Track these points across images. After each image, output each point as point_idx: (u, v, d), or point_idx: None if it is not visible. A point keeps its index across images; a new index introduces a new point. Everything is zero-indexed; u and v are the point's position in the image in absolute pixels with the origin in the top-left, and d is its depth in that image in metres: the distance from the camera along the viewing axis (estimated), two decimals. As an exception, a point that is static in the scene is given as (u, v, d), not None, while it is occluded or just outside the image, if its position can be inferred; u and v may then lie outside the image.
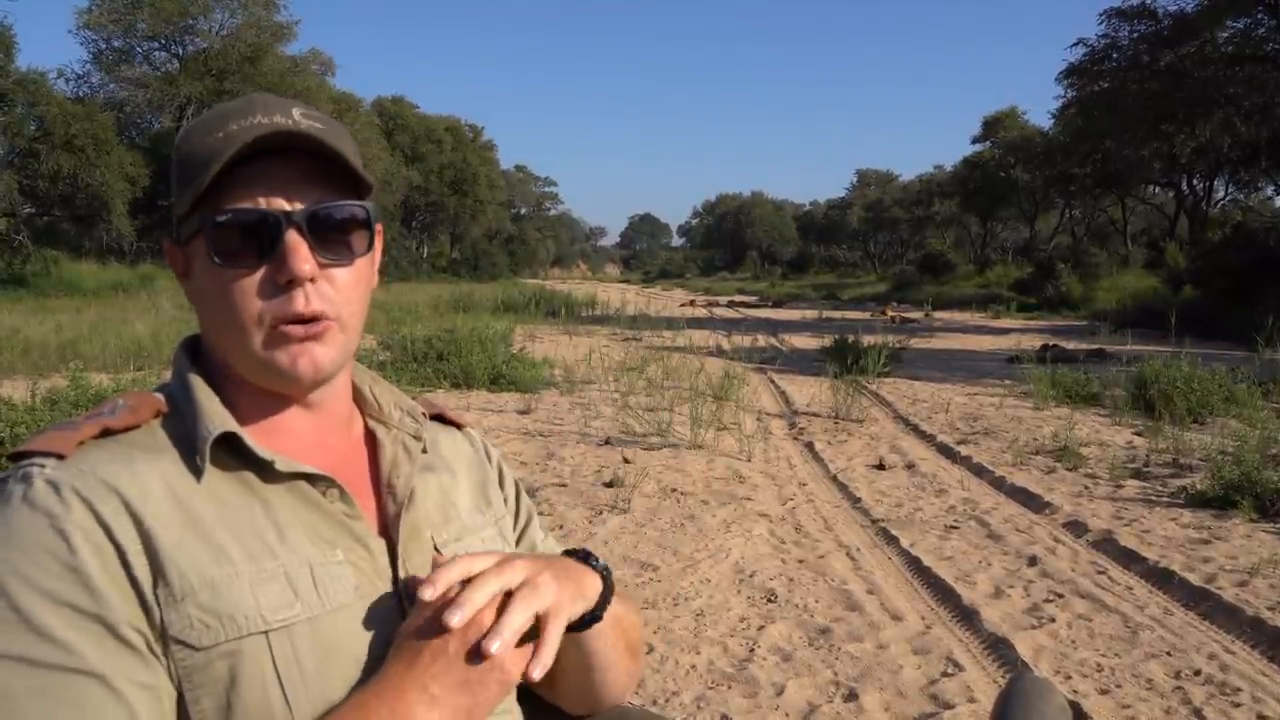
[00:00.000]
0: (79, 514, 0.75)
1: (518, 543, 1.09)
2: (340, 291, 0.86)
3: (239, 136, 0.81)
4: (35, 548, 0.74)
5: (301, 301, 0.83)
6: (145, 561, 0.77)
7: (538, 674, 0.81)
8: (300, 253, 0.82)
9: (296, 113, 0.84)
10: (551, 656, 0.82)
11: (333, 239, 0.85)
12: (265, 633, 0.79)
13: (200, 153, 0.82)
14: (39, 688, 0.71)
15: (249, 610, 0.78)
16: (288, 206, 0.83)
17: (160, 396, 0.88)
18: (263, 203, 0.83)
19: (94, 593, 0.74)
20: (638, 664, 1.08)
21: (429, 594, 0.79)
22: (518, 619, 0.80)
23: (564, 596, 0.85)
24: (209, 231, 0.83)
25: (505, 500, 1.09)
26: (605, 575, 0.95)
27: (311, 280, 0.84)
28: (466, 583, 0.81)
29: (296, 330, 0.84)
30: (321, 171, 0.85)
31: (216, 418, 0.84)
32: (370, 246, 0.89)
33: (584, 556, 0.95)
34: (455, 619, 0.78)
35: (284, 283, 0.83)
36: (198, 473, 0.82)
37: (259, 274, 0.83)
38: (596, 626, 0.94)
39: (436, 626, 0.79)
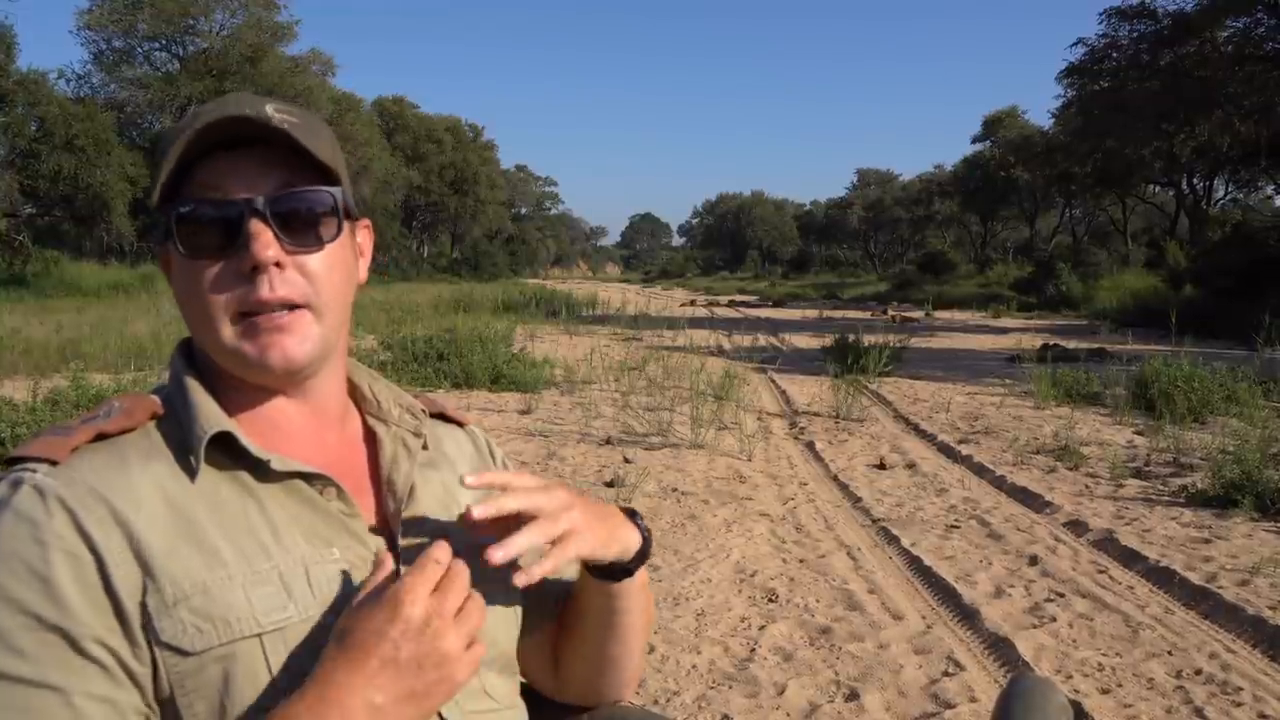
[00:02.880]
0: (60, 523, 0.75)
1: None
2: (312, 279, 0.85)
3: (196, 127, 0.81)
4: (12, 556, 0.74)
5: (266, 288, 0.82)
6: (132, 570, 0.76)
7: (521, 581, 0.84)
8: (262, 239, 0.81)
9: (269, 108, 0.83)
10: (548, 568, 0.85)
11: (299, 226, 0.84)
12: (259, 635, 0.78)
13: (167, 148, 0.82)
14: (0, 696, 0.72)
15: (242, 613, 0.78)
16: (250, 194, 0.83)
17: (156, 398, 0.88)
18: (225, 192, 0.83)
19: (61, 605, 0.74)
20: (641, 658, 1.09)
21: (423, 594, 0.78)
22: (524, 541, 0.83)
23: (587, 530, 0.89)
24: (174, 223, 0.83)
25: None
26: (646, 536, 0.98)
27: (278, 266, 0.83)
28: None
29: (264, 320, 0.83)
30: (289, 162, 0.84)
31: (212, 418, 0.84)
32: (339, 232, 0.88)
33: (631, 514, 0.99)
34: (499, 555, 0.82)
35: (248, 270, 0.82)
36: (192, 473, 0.82)
37: (224, 263, 0.83)
38: (627, 583, 0.97)
39: (395, 628, 0.76)
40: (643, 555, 0.97)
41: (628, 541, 0.95)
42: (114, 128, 27.35)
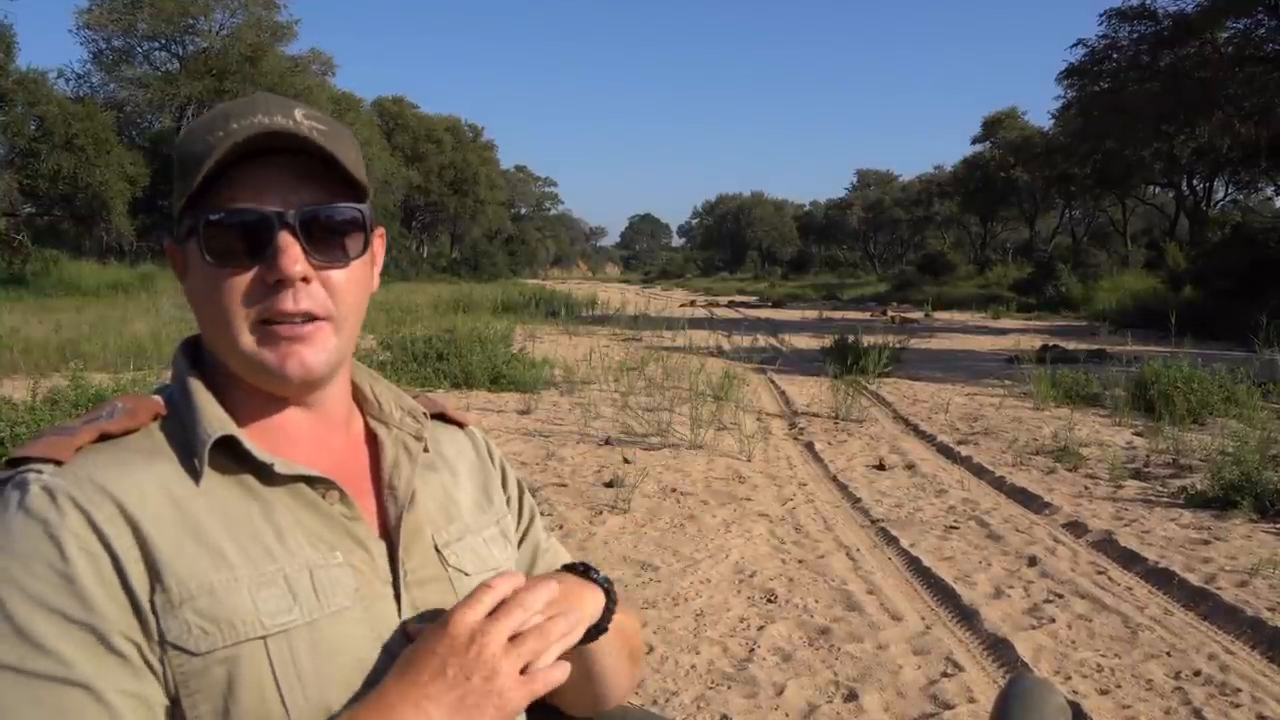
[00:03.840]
0: (74, 521, 0.75)
1: (520, 543, 1.08)
2: (334, 294, 0.86)
3: (233, 136, 0.81)
4: (30, 555, 0.74)
5: (290, 301, 0.83)
6: (142, 568, 0.76)
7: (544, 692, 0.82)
8: (291, 253, 0.82)
9: (299, 113, 0.84)
10: (564, 671, 0.83)
11: (327, 241, 0.85)
12: (263, 638, 0.78)
13: (197, 151, 0.82)
14: (30, 697, 0.71)
15: (247, 615, 0.78)
16: (281, 207, 0.83)
17: (159, 399, 0.88)
18: (257, 203, 0.83)
19: (86, 601, 0.74)
20: (638, 667, 1.09)
21: (470, 616, 0.80)
22: (556, 642, 0.83)
23: (574, 619, 0.87)
24: (202, 230, 0.83)
25: (508, 500, 1.09)
26: (608, 589, 0.96)
27: (304, 280, 0.83)
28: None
29: (285, 330, 0.83)
30: (318, 173, 0.85)
31: (215, 421, 0.84)
32: (365, 249, 0.89)
33: (584, 571, 0.96)
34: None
35: (273, 283, 0.82)
36: (196, 476, 0.82)
37: (250, 274, 0.83)
38: (602, 638, 0.95)
39: (442, 644, 0.79)
40: (609, 610, 0.95)
41: (593, 607, 0.93)
42: (113, 127, 27.36)
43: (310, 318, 0.84)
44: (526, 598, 0.82)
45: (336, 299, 0.86)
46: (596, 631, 0.93)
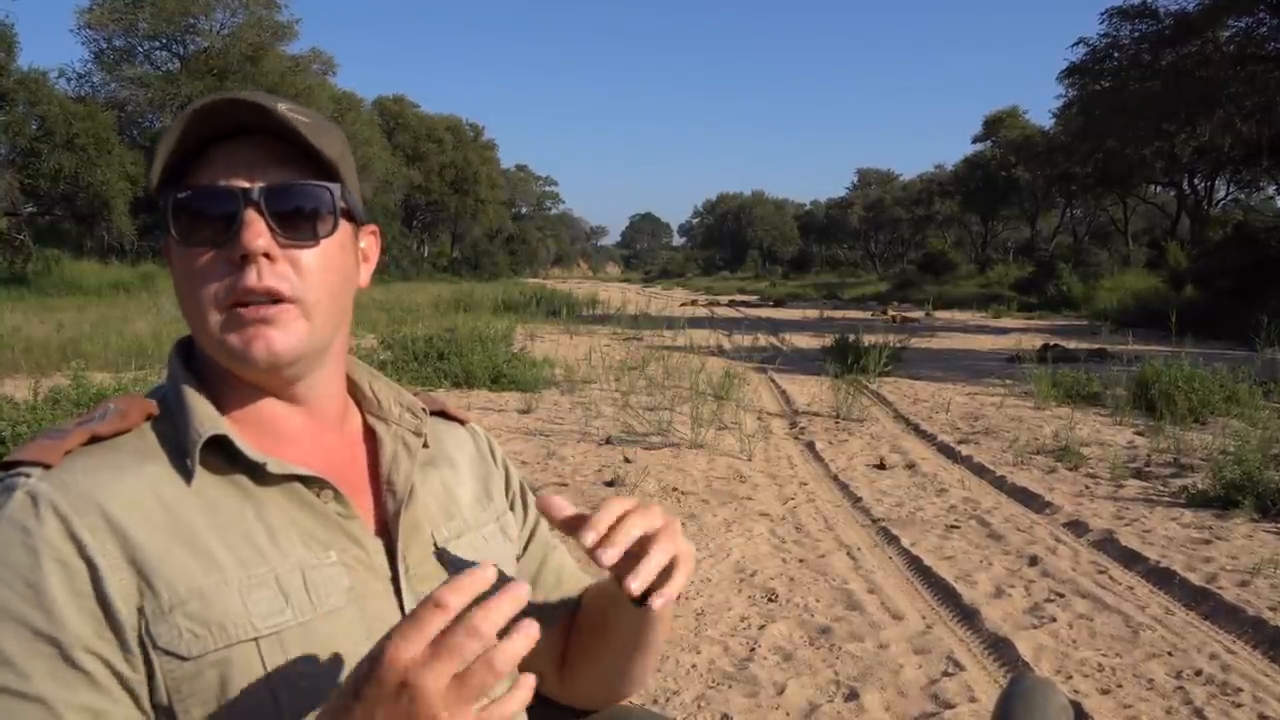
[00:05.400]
0: (51, 530, 0.74)
1: (528, 544, 1.08)
2: (303, 275, 0.83)
3: (196, 104, 0.80)
4: (3, 564, 0.73)
5: (253, 276, 0.81)
6: (129, 575, 0.75)
7: (660, 605, 0.85)
8: (254, 228, 0.80)
9: (282, 106, 0.83)
10: (677, 589, 0.86)
11: (294, 219, 0.83)
12: (255, 640, 0.78)
13: (171, 129, 0.82)
14: None
15: (238, 617, 0.77)
16: (249, 184, 0.82)
17: (151, 400, 0.87)
18: (226, 180, 0.82)
19: (51, 613, 0.73)
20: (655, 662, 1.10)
21: (405, 652, 0.65)
22: (660, 557, 0.84)
23: (690, 552, 0.89)
24: (171, 209, 0.83)
25: (511, 500, 1.08)
26: None
27: (268, 257, 0.81)
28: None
29: (250, 312, 0.82)
30: (294, 156, 0.84)
31: (207, 420, 0.83)
32: (335, 229, 0.86)
33: None
34: (636, 586, 0.83)
35: (238, 259, 0.81)
36: (187, 476, 0.81)
37: (217, 252, 0.82)
38: (666, 609, 0.96)
39: (369, 689, 0.66)
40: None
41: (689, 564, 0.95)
42: (114, 127, 27.34)
43: (276, 299, 0.82)
44: (478, 622, 0.65)
45: (305, 281, 0.84)
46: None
